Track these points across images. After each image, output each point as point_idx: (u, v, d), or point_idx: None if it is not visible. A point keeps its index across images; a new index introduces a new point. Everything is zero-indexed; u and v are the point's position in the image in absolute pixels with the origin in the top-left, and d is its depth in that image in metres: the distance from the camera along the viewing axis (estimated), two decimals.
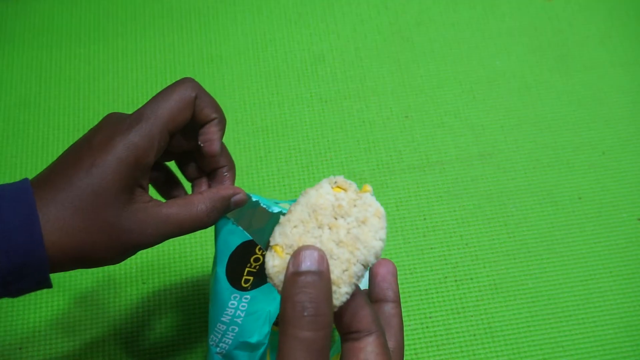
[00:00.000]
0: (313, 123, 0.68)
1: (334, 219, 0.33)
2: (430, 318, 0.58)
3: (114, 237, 0.36)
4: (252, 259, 0.47)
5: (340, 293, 0.31)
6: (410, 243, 0.62)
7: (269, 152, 0.66)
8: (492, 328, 0.58)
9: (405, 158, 0.66)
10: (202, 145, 0.41)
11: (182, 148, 0.42)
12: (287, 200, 0.52)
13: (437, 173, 0.65)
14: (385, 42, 0.74)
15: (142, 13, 0.74)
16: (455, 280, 0.60)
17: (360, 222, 0.32)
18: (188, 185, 0.45)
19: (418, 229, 0.62)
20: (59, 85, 0.70)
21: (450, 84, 0.71)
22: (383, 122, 0.68)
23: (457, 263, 0.61)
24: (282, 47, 0.73)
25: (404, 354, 0.36)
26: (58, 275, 0.58)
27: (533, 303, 0.59)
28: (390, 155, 0.66)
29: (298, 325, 0.29)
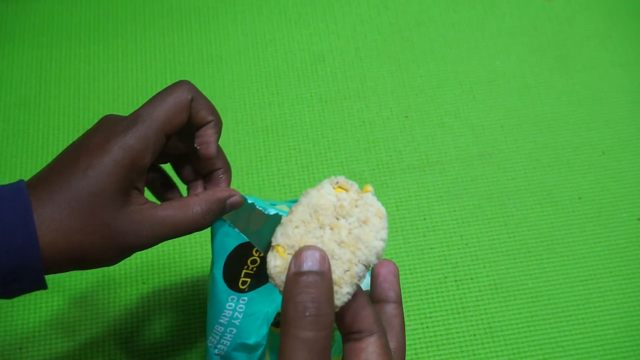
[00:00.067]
0: (313, 123, 0.68)
1: (336, 219, 0.33)
2: (430, 318, 0.58)
3: (110, 238, 0.36)
4: (249, 261, 0.47)
5: (342, 293, 0.31)
6: (410, 243, 0.62)
7: (269, 152, 0.66)
8: (492, 328, 0.58)
9: (405, 158, 0.66)
10: (198, 148, 0.41)
11: (178, 150, 0.42)
12: (284, 202, 0.52)
13: (437, 173, 0.65)
14: (385, 42, 0.74)
15: (142, 13, 0.74)
16: (455, 280, 0.60)
17: (362, 222, 0.32)
18: (184, 188, 0.45)
19: (418, 229, 0.62)
20: (59, 85, 0.70)
21: (450, 84, 0.71)
22: (383, 122, 0.68)
23: (457, 263, 0.61)
24: (282, 47, 0.73)
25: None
26: (58, 276, 0.58)
27: (533, 303, 0.59)
28: (390, 155, 0.66)
29: (300, 326, 0.29)
